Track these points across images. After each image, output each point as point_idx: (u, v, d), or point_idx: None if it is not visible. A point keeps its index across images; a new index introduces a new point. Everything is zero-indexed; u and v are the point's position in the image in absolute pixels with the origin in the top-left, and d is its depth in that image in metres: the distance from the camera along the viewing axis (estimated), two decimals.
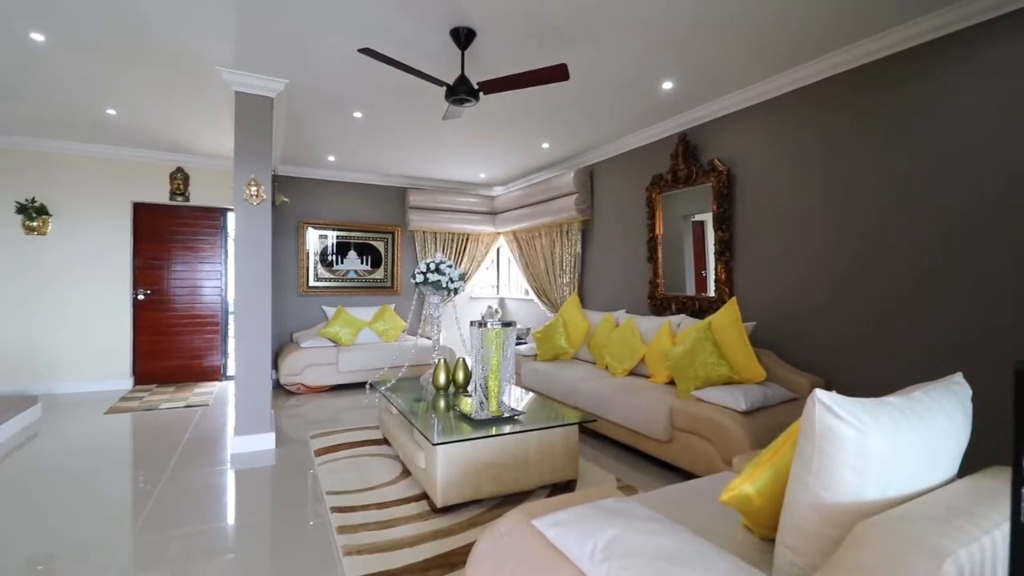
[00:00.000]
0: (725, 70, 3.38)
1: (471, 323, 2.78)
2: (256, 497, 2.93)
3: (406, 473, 3.07)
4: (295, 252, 6.32)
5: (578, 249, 5.57)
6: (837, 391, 1.14)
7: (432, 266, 3.59)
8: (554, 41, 2.98)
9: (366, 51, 2.57)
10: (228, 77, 3.48)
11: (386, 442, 3.63)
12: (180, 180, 5.81)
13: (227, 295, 6.14)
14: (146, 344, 5.77)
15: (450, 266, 3.65)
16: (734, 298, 3.38)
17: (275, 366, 5.70)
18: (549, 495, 2.74)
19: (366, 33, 2.91)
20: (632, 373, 4.00)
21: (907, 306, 2.81)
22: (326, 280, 6.50)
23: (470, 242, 7.16)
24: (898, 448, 1.10)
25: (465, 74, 2.96)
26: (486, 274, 7.74)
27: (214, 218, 6.08)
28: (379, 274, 6.82)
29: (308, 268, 6.39)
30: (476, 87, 2.92)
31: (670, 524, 1.26)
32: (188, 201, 5.86)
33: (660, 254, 4.55)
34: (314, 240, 6.42)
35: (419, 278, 3.59)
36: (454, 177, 6.70)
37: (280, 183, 5.99)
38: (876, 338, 2.95)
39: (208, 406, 4.87)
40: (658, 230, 4.56)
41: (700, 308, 4.10)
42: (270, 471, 3.28)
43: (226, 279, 6.13)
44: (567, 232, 5.69)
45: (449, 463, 2.46)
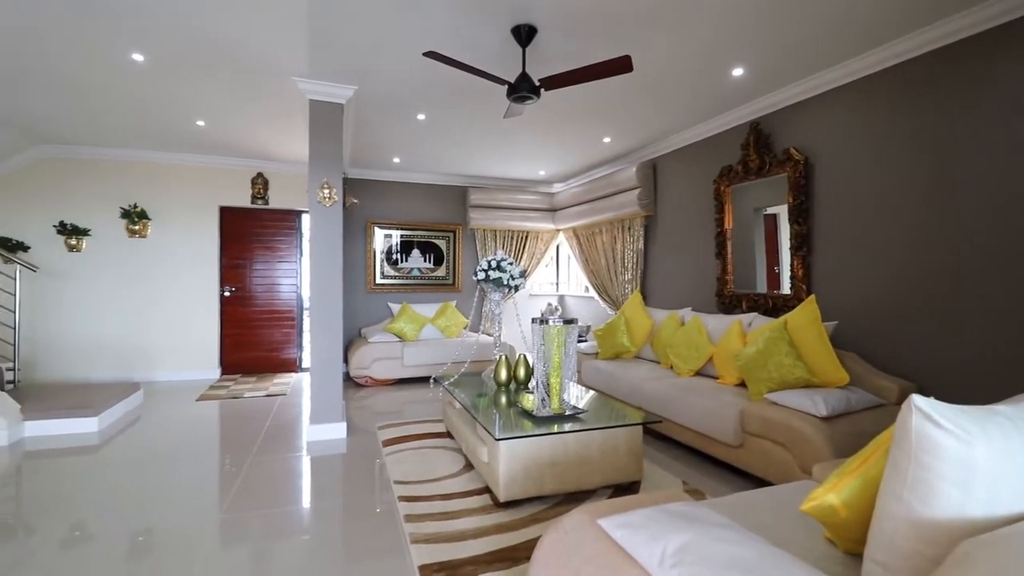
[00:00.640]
0: (801, 53, 3.17)
1: (532, 320, 2.78)
2: (329, 483, 3.10)
3: (469, 467, 3.13)
4: (363, 251, 6.60)
5: (640, 245, 5.44)
6: (934, 398, 1.05)
7: (493, 263, 3.63)
8: (617, 32, 2.92)
9: (431, 54, 2.63)
10: (303, 86, 3.68)
11: (449, 435, 3.72)
12: (260, 185, 6.23)
13: (302, 292, 6.52)
14: (231, 337, 6.24)
15: (511, 263, 3.68)
16: (812, 296, 3.17)
17: (345, 359, 5.98)
18: (612, 496, 2.71)
19: (430, 36, 2.98)
20: (698, 373, 3.86)
21: (1019, 306, 2.52)
22: (391, 278, 6.75)
23: (529, 239, 7.18)
24: (1010, 462, 0.99)
25: (526, 71, 2.96)
26: (545, 271, 7.73)
27: (290, 220, 6.47)
28: (441, 272, 6.99)
29: (375, 266, 6.65)
30: (537, 84, 2.91)
31: (745, 532, 1.20)
32: (267, 204, 6.27)
33: (729, 249, 4.35)
34: (380, 239, 6.67)
35: (480, 275, 3.64)
36: (514, 175, 6.74)
37: (349, 185, 6.28)
38: (977, 341, 2.67)
39: (286, 396, 5.20)
40: (727, 224, 4.36)
41: (773, 306, 3.88)
42: (342, 459, 3.45)
43: (301, 277, 6.51)
44: (629, 228, 5.57)
45: (511, 458, 2.48)
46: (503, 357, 3.43)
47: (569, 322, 2.72)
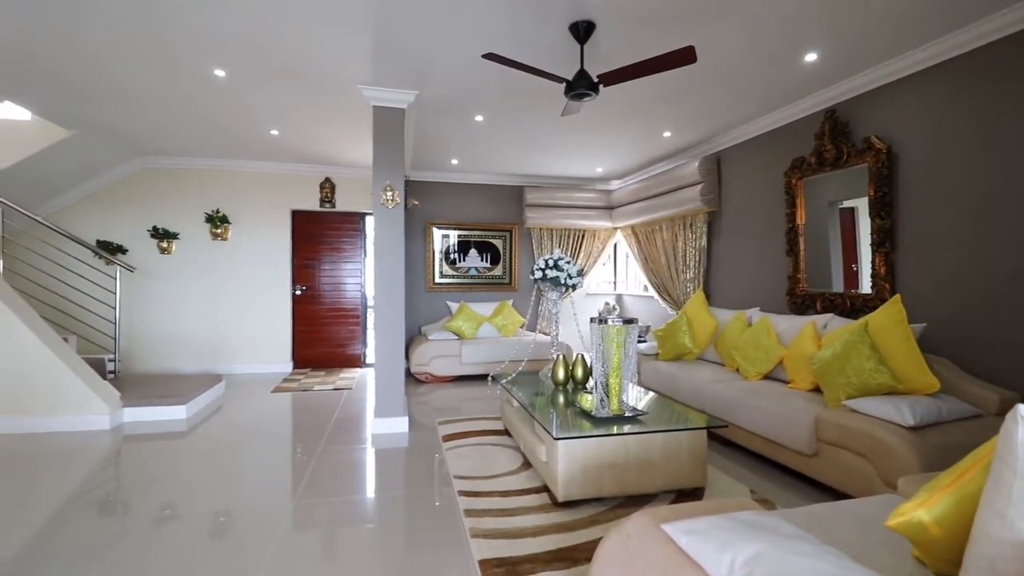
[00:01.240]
0: (883, 33, 2.94)
1: (591, 320, 2.75)
2: (392, 475, 3.21)
3: (527, 464, 3.14)
4: (422, 251, 6.78)
5: (703, 243, 5.24)
6: None
7: (550, 263, 3.62)
8: (680, 23, 2.83)
9: (490, 56, 2.66)
10: (367, 93, 3.83)
11: (507, 433, 3.75)
12: (328, 189, 6.54)
13: (366, 291, 6.79)
14: (302, 333, 6.60)
15: (568, 262, 3.65)
16: (897, 295, 2.93)
17: (406, 356, 6.17)
18: (674, 501, 2.63)
19: (488, 39, 3.01)
20: (767, 377, 3.67)
21: None
22: (450, 277, 6.89)
23: (586, 238, 7.10)
24: None
25: (584, 68, 2.93)
26: (603, 270, 7.62)
27: (355, 222, 6.76)
28: (498, 271, 7.05)
29: (434, 266, 6.82)
30: (596, 80, 2.88)
31: (823, 546, 1.13)
32: (334, 207, 6.58)
33: (801, 246, 4.11)
34: (438, 239, 6.83)
35: (538, 275, 3.64)
36: (570, 173, 6.69)
37: (410, 187, 6.47)
38: None
39: (351, 390, 5.44)
40: (799, 220, 4.12)
41: (852, 307, 3.63)
42: (404, 452, 3.57)
43: (365, 276, 6.79)
44: (691, 225, 5.39)
45: (570, 458, 2.47)
46: (560, 356, 3.41)
47: (629, 321, 2.67)
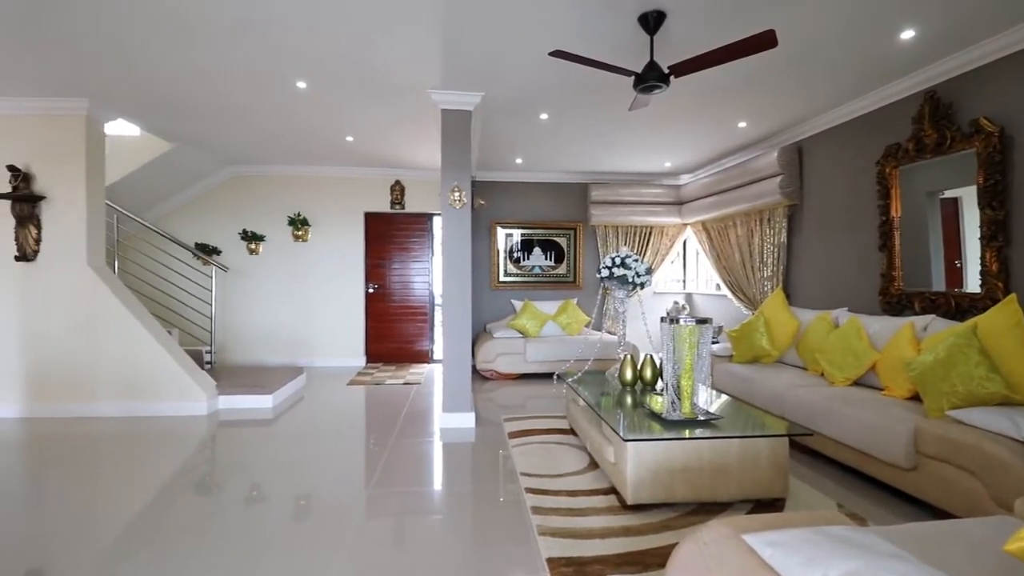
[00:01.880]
0: (991, 4, 2.63)
1: (661, 319, 2.67)
2: (459, 469, 3.29)
3: (594, 465, 3.10)
4: (487, 250, 6.88)
5: (783, 238, 4.94)
6: None
7: (617, 260, 3.54)
8: (757, 5, 2.68)
9: (557, 53, 2.65)
10: (436, 97, 3.93)
11: (573, 432, 3.72)
12: (398, 191, 6.79)
13: (433, 289, 6.99)
14: (374, 329, 6.90)
15: (636, 260, 3.57)
16: (1012, 295, 2.61)
17: (472, 353, 6.28)
18: (752, 511, 2.49)
19: (556, 36, 3.00)
20: (857, 383, 3.40)
21: None
22: (514, 275, 6.94)
23: (654, 235, 6.91)
24: None
25: (654, 59, 2.85)
26: (671, 268, 7.37)
27: (423, 223, 6.97)
28: (562, 269, 7.02)
29: (498, 264, 6.90)
30: (667, 71, 2.78)
31: (927, 568, 1.03)
32: (404, 209, 6.83)
33: (896, 241, 3.77)
34: (502, 238, 6.90)
35: (604, 273, 3.58)
36: (637, 168, 6.53)
37: (476, 188, 6.58)
38: None
39: (420, 384, 5.61)
40: (893, 212, 3.78)
41: (956, 308, 3.28)
42: (470, 447, 3.64)
43: (432, 275, 6.99)
44: (768, 219, 5.09)
45: (639, 461, 2.41)
46: (628, 356, 3.34)
47: (703, 321, 2.56)
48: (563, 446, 3.49)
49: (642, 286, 3.56)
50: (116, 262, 5.55)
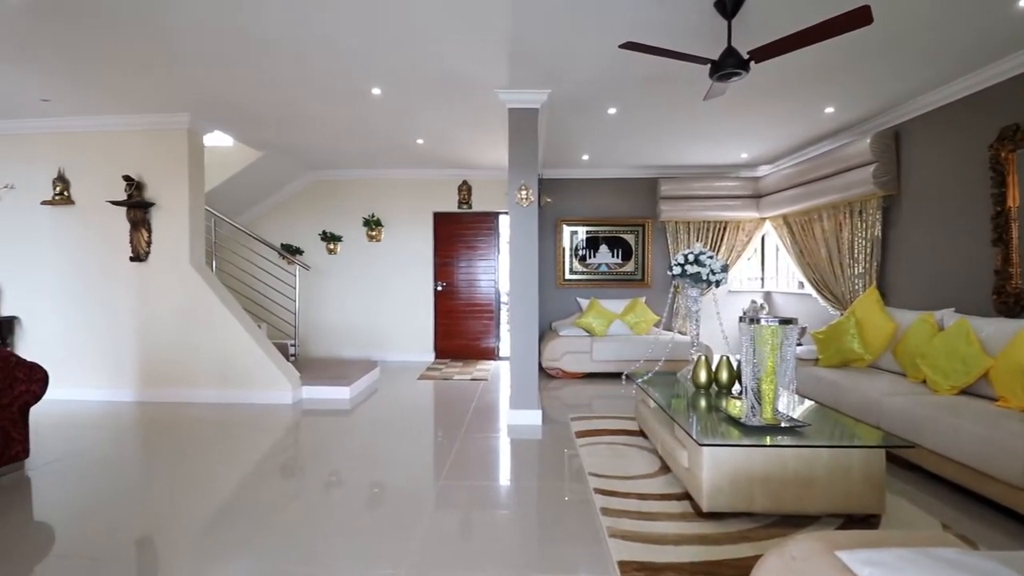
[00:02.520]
0: None
1: (740, 319, 2.53)
2: (526, 465, 3.30)
3: (665, 469, 3.01)
4: (552, 248, 6.86)
5: (876, 232, 4.54)
6: None
7: (691, 257, 3.41)
8: None
9: (628, 45, 2.58)
10: (503, 97, 3.96)
11: (642, 434, 3.63)
12: (465, 191, 6.93)
13: (498, 287, 7.07)
14: (442, 326, 7.09)
15: (711, 257, 3.42)
16: None
17: (537, 351, 6.30)
18: (842, 526, 2.32)
19: (625, 28, 2.93)
20: (965, 392, 3.06)
21: None
22: (579, 273, 6.88)
23: (728, 230, 6.58)
24: None
25: (732, 45, 2.70)
26: (747, 265, 6.99)
27: (489, 221, 7.06)
28: (629, 267, 6.86)
29: (564, 262, 6.86)
30: (746, 57, 2.64)
31: None
32: (470, 208, 6.96)
33: (1014, 234, 3.35)
34: (567, 236, 6.85)
35: (676, 270, 3.46)
36: (710, 161, 6.25)
37: (542, 185, 6.57)
38: None
39: (487, 381, 5.70)
40: (1011, 201, 3.37)
41: None
42: (537, 444, 3.64)
43: (498, 273, 7.07)
44: (860, 212, 4.69)
45: (715, 467, 2.30)
46: (702, 358, 3.21)
47: (787, 322, 2.40)
48: (632, 447, 3.41)
49: (717, 284, 3.41)
50: (214, 262, 6.06)
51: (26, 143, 4.76)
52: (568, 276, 6.88)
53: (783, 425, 2.42)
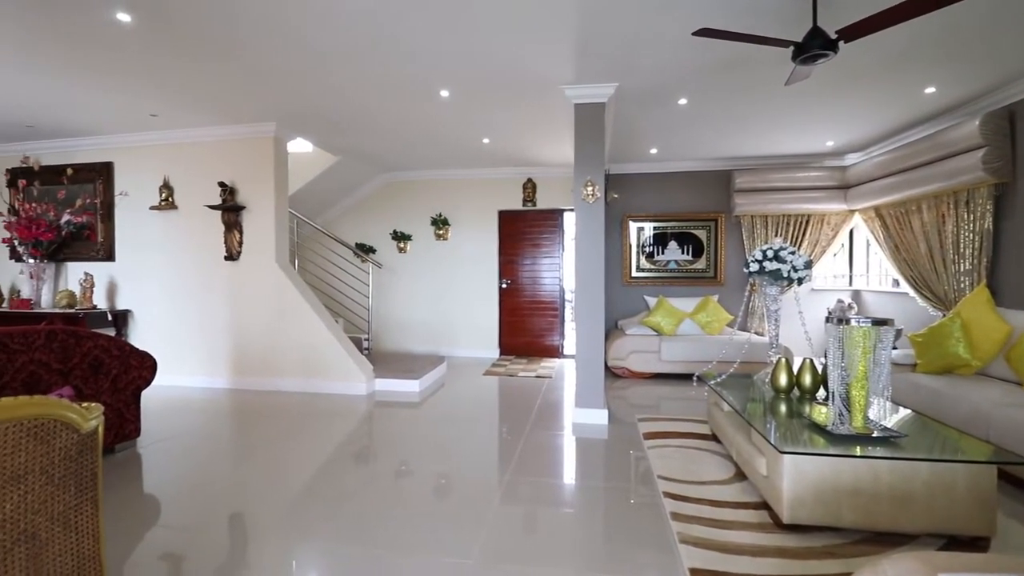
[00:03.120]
0: None
1: (827, 320, 2.36)
2: (591, 465, 3.27)
3: (740, 476, 2.86)
4: (619, 244, 6.72)
5: (987, 224, 4.07)
6: None
7: (770, 253, 3.22)
8: None
9: (703, 32, 2.47)
10: (569, 92, 3.92)
11: (715, 438, 3.48)
12: (530, 189, 6.95)
13: (563, 284, 7.03)
14: (507, 324, 7.16)
15: (792, 252, 3.21)
16: None
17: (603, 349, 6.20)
18: (944, 547, 2.10)
19: (698, 11, 2.80)
20: None
21: None
22: (647, 270, 6.69)
23: (811, 224, 6.14)
24: None
25: (818, 25, 2.52)
26: (832, 262, 6.50)
27: (553, 219, 7.04)
28: (700, 264, 6.59)
29: (631, 259, 6.70)
30: (835, 36, 2.44)
31: None
32: (535, 206, 6.97)
33: None
34: (634, 232, 6.68)
35: (754, 267, 3.28)
36: (791, 150, 5.86)
37: (609, 181, 6.46)
38: None
39: (551, 379, 5.69)
40: None
41: None
42: (603, 444, 3.59)
43: (562, 271, 7.03)
44: (967, 202, 4.22)
45: (798, 477, 2.16)
46: (782, 360, 3.02)
47: (881, 323, 2.21)
48: (704, 452, 3.28)
49: (799, 282, 3.20)
50: (296, 261, 6.48)
51: (137, 154, 5.32)
52: (635, 273, 6.71)
53: (876, 435, 2.23)
